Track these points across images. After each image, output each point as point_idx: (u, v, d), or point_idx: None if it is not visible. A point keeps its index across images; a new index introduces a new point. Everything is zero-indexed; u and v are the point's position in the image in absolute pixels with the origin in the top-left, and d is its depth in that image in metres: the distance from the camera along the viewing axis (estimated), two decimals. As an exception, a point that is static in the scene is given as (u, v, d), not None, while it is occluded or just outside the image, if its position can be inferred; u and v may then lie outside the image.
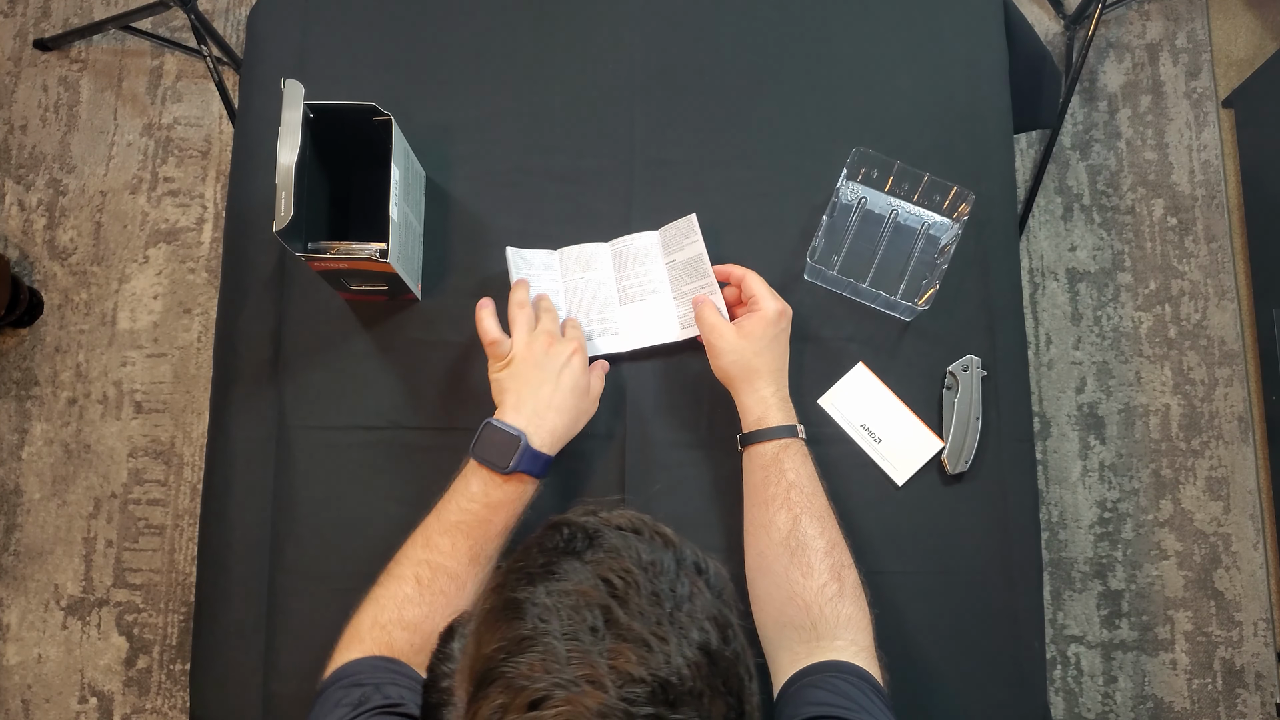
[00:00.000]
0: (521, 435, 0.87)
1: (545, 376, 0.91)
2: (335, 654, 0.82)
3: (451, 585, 0.84)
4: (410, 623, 0.82)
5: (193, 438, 1.73)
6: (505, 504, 0.87)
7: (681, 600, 0.54)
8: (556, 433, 0.90)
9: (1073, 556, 1.66)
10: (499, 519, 0.87)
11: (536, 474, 0.88)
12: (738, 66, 1.11)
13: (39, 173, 1.84)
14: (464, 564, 0.85)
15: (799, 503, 0.88)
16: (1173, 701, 1.62)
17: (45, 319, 1.78)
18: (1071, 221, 1.78)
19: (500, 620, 0.54)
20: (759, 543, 0.89)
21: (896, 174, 1.05)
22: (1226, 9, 1.87)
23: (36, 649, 1.68)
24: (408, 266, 1.00)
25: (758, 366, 0.93)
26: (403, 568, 0.85)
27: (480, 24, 1.12)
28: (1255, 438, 1.70)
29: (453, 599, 0.84)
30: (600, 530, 0.58)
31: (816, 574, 0.85)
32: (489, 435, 0.88)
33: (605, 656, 0.51)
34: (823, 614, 0.83)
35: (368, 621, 0.82)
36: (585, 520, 0.59)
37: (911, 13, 1.12)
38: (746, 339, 0.93)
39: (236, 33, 1.88)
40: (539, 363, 0.91)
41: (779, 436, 0.91)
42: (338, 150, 1.00)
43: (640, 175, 1.08)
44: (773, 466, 0.90)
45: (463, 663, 0.57)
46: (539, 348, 0.92)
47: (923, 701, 0.95)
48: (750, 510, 0.92)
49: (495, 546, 0.88)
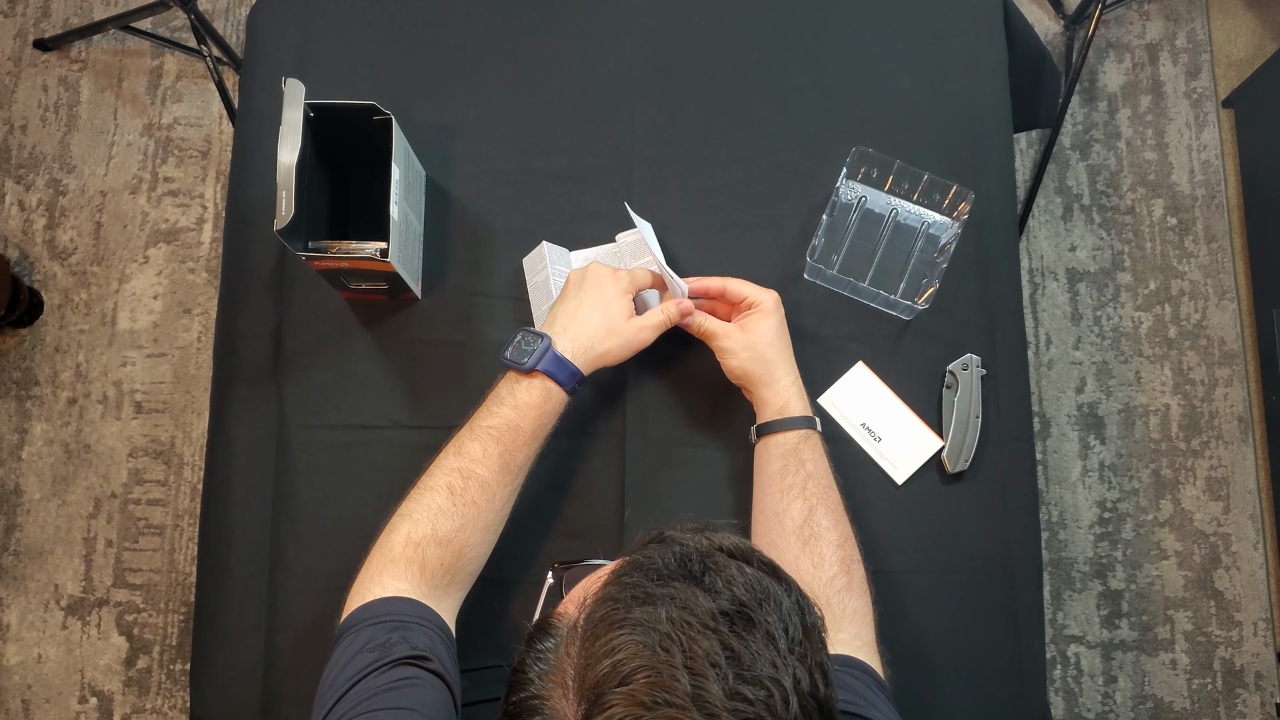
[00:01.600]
0: (545, 335, 0.89)
1: (576, 294, 0.93)
2: (364, 574, 0.81)
3: (483, 495, 0.84)
4: (444, 538, 0.82)
5: (193, 438, 1.73)
6: (532, 406, 0.88)
7: (794, 642, 0.53)
8: (579, 342, 0.90)
9: (1073, 556, 1.66)
10: (527, 424, 0.87)
11: (562, 381, 0.89)
12: (738, 66, 1.11)
13: (39, 173, 1.84)
14: (495, 471, 0.85)
15: (815, 493, 0.89)
16: (1173, 701, 1.62)
17: (45, 319, 1.78)
18: (1071, 221, 1.78)
19: (614, 639, 0.52)
20: (770, 531, 0.90)
21: (896, 173, 1.05)
22: (1226, 9, 1.87)
23: (36, 649, 1.68)
24: (408, 266, 1.00)
25: (773, 357, 0.94)
26: (435, 478, 0.86)
27: (480, 24, 1.12)
28: (1255, 438, 1.70)
29: (484, 510, 0.84)
30: (713, 555, 0.56)
31: (827, 565, 0.85)
32: (517, 340, 0.90)
33: (726, 696, 0.49)
34: (829, 605, 0.84)
35: (400, 539, 0.82)
36: (696, 541, 0.57)
37: (911, 13, 1.12)
38: (755, 334, 0.94)
39: (236, 33, 1.88)
40: (577, 283, 0.94)
41: (800, 427, 0.92)
42: (338, 150, 1.00)
43: (640, 175, 1.08)
44: (792, 456, 0.91)
45: (563, 670, 0.54)
46: (582, 274, 0.95)
47: (923, 701, 0.95)
48: (763, 499, 0.92)
49: (525, 455, 0.88)
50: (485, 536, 0.86)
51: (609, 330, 0.92)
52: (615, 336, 0.92)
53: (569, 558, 0.70)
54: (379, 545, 0.83)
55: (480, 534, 0.85)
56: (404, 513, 0.85)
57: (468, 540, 0.84)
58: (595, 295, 0.92)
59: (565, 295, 0.94)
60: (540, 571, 0.99)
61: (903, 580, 0.98)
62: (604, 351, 0.92)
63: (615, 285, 0.93)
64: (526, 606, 0.98)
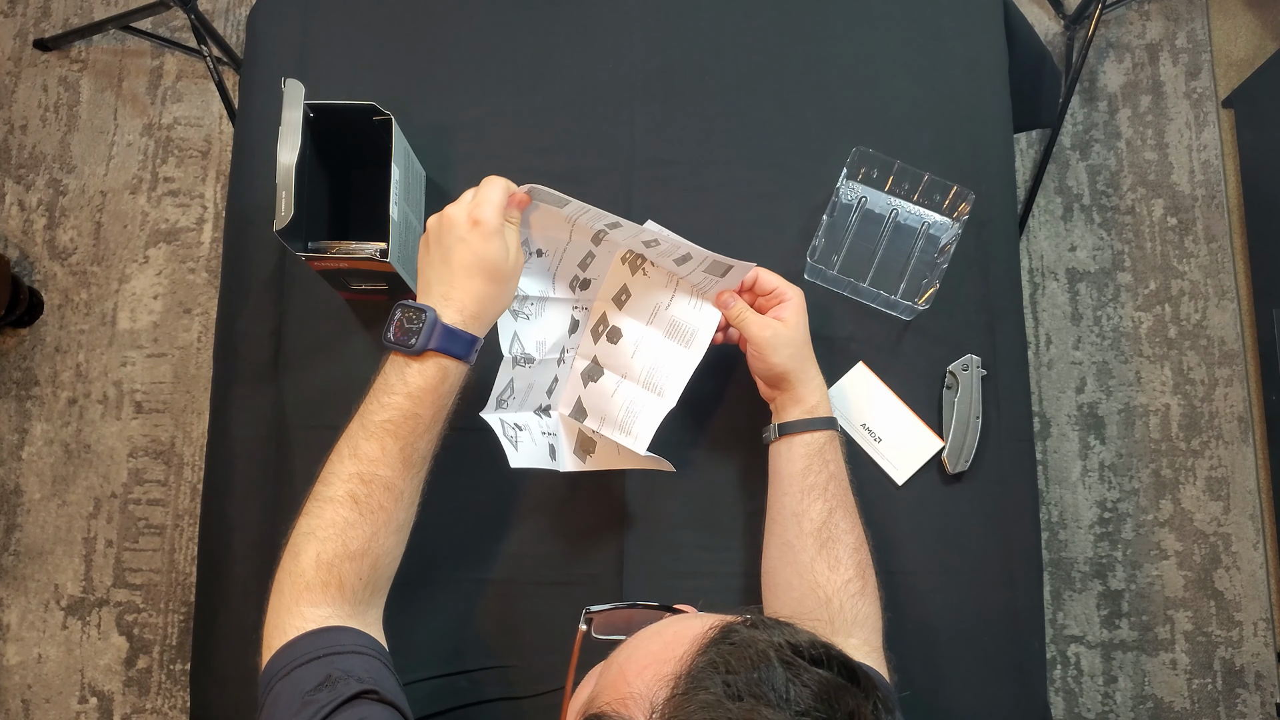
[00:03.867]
0: (428, 309, 0.79)
1: (444, 254, 0.82)
2: (277, 605, 0.75)
3: (389, 497, 0.78)
4: (356, 551, 0.76)
5: (193, 438, 1.73)
6: (428, 390, 0.79)
7: None
8: (467, 308, 0.80)
9: (1073, 556, 1.66)
10: (425, 411, 0.79)
11: (458, 354, 0.80)
12: (738, 66, 1.11)
13: (39, 173, 1.84)
14: (397, 469, 0.78)
15: (836, 495, 0.88)
16: (1173, 701, 1.62)
17: (45, 319, 1.78)
18: (1071, 221, 1.78)
19: None
20: (787, 532, 0.89)
21: (896, 174, 1.05)
22: (1226, 9, 1.87)
23: (36, 649, 1.68)
24: (408, 266, 1.00)
25: (809, 354, 0.92)
26: (333, 486, 0.78)
27: (480, 24, 1.12)
28: (1255, 438, 1.70)
29: (393, 513, 0.78)
30: (794, 664, 0.49)
31: (843, 568, 0.85)
32: (397, 317, 0.80)
33: None
34: (842, 609, 0.83)
35: (310, 561, 0.75)
36: (775, 648, 0.50)
37: (911, 13, 1.12)
38: (794, 328, 0.90)
39: (236, 33, 1.88)
40: (439, 239, 0.83)
41: (828, 427, 0.91)
42: (338, 150, 1.00)
43: (640, 175, 1.08)
44: (818, 456, 0.89)
45: None
46: (437, 225, 0.83)
47: (923, 701, 0.95)
48: (782, 498, 0.90)
49: (426, 444, 0.81)
50: (398, 538, 0.80)
51: (490, 279, 0.81)
52: (503, 282, 0.82)
53: (599, 604, 0.62)
54: (286, 571, 0.77)
55: (393, 537, 0.79)
56: (306, 530, 0.77)
57: (381, 547, 0.78)
58: (461, 249, 0.81)
59: (428, 252, 0.83)
60: (541, 572, 0.99)
61: (903, 580, 0.97)
62: (496, 307, 0.83)
63: (479, 229, 0.81)
64: (529, 607, 0.98)
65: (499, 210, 0.82)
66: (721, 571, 0.99)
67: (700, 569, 0.99)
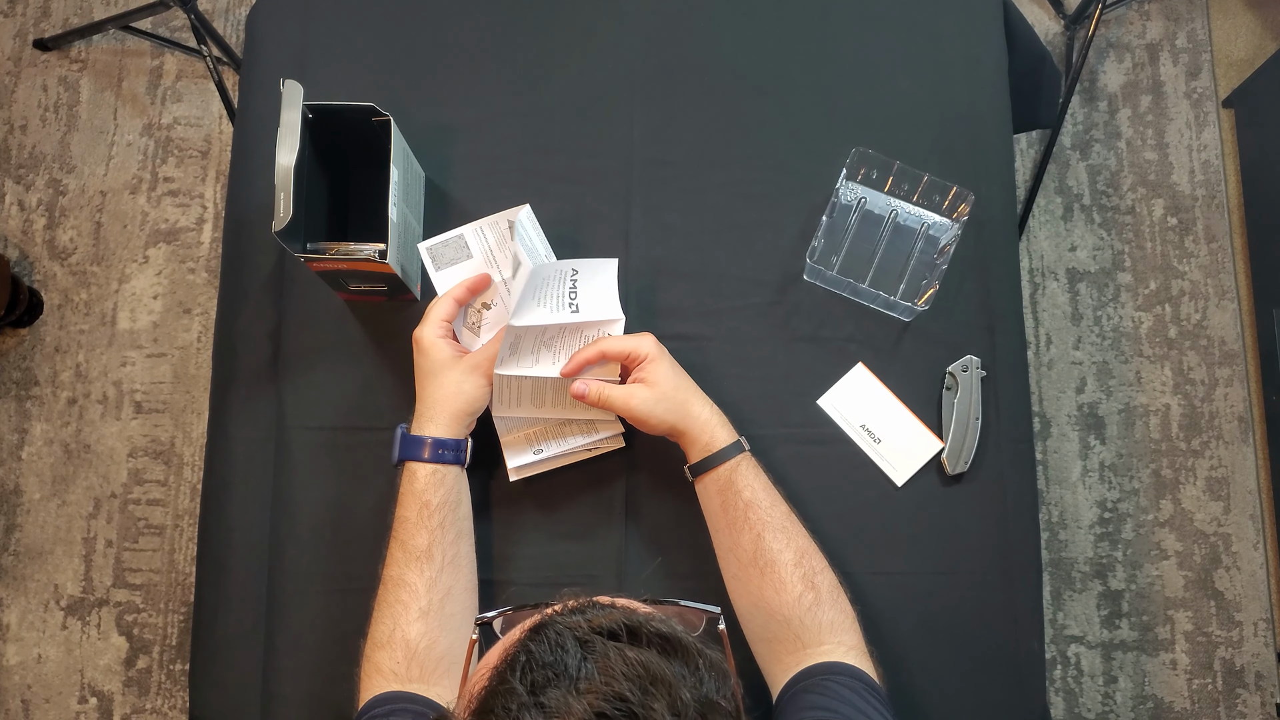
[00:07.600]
0: (398, 428, 0.92)
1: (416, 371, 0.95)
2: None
3: (403, 591, 0.87)
4: (381, 641, 0.85)
5: (193, 438, 1.73)
6: (406, 494, 0.89)
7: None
8: (423, 415, 0.91)
9: (1073, 556, 1.66)
10: (409, 512, 0.89)
11: (414, 456, 0.90)
12: (738, 66, 1.11)
13: (39, 173, 1.84)
14: (404, 566, 0.88)
15: (758, 520, 0.87)
16: (1173, 701, 1.62)
17: (45, 319, 1.78)
18: (1071, 221, 1.78)
19: None
20: (730, 566, 0.90)
21: (896, 174, 1.05)
22: (1226, 9, 1.87)
23: (36, 649, 1.68)
24: (407, 267, 1.00)
25: (684, 398, 0.91)
26: (379, 592, 0.89)
27: (480, 24, 1.12)
28: (1255, 438, 1.70)
29: (409, 604, 0.86)
30: (590, 642, 0.51)
31: (790, 588, 0.84)
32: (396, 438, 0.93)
33: None
34: (804, 625, 0.83)
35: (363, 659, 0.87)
36: (572, 625, 0.53)
37: (911, 13, 1.12)
38: (659, 384, 0.90)
39: (236, 33, 1.88)
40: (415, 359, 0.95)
41: (729, 457, 0.89)
42: (337, 150, 1.00)
43: (640, 175, 1.08)
44: (728, 489, 0.89)
45: None
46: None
47: (922, 702, 0.95)
48: (716, 536, 0.92)
49: (425, 539, 0.88)
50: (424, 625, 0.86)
51: (440, 387, 0.92)
52: (452, 388, 0.91)
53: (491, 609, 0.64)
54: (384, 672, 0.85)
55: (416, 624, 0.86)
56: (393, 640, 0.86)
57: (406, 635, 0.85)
58: (421, 365, 0.93)
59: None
60: (541, 572, 0.99)
61: (902, 581, 0.97)
62: (454, 408, 0.91)
63: (416, 347, 0.93)
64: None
65: (440, 316, 0.93)
66: (721, 572, 0.98)
67: (700, 569, 0.98)
